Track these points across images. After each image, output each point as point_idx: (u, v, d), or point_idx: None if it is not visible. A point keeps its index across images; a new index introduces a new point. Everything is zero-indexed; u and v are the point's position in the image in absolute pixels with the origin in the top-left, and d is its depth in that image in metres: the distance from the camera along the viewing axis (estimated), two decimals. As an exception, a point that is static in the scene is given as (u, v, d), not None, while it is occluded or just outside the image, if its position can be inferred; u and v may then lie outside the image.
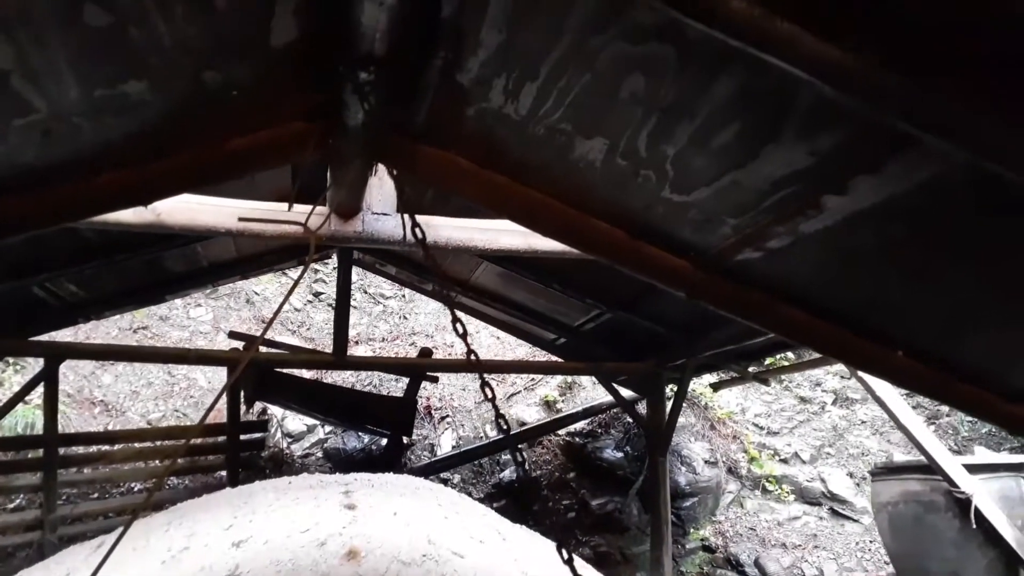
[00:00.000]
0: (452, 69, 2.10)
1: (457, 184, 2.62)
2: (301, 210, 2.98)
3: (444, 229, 3.25)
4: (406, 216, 2.37)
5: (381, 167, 2.79)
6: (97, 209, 2.27)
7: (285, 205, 2.90)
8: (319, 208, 2.94)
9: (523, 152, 2.43)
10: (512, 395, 9.85)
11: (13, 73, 1.67)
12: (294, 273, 10.27)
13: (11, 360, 8.53)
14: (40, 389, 6.17)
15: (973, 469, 5.41)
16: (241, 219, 2.83)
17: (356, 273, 9.39)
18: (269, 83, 2.18)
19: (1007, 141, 1.45)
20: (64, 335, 7.89)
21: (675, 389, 7.02)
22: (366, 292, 11.52)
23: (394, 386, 9.51)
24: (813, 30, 1.40)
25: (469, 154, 2.56)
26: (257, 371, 6.99)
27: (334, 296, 6.91)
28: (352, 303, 9.42)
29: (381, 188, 3.12)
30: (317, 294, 11.40)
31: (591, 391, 9.49)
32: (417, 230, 2.16)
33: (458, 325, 2.19)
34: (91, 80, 1.82)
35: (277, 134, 2.42)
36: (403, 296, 11.42)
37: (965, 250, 2.02)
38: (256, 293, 11.17)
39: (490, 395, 2.60)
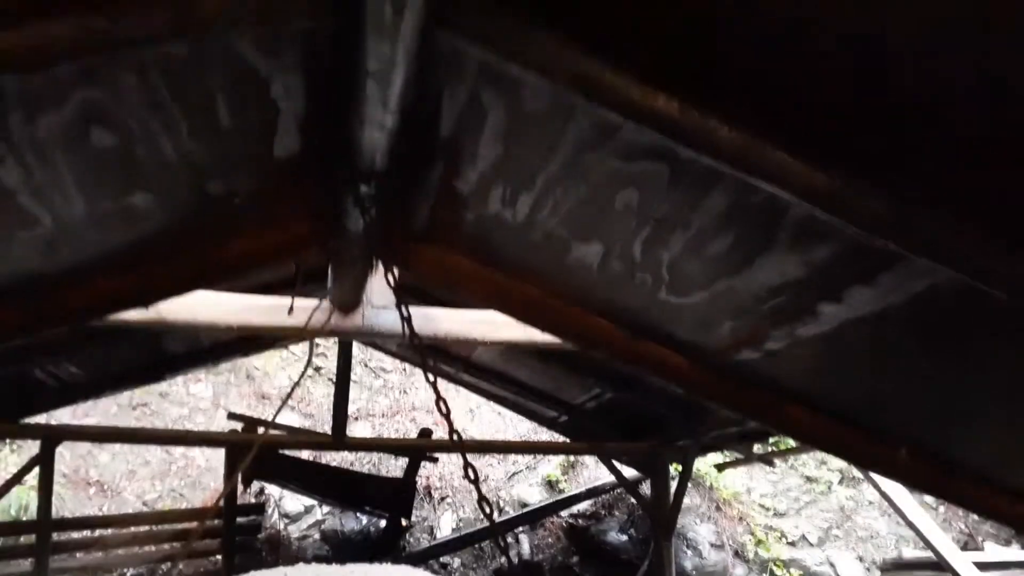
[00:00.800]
0: (451, 178, 2.14)
1: (457, 283, 2.64)
2: (302, 304, 3.01)
3: (444, 322, 3.27)
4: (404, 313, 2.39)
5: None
6: (98, 313, 2.29)
7: (286, 301, 2.93)
8: (313, 300, 2.96)
9: (522, 253, 2.46)
10: (514, 474, 9.69)
11: (20, 192, 1.71)
12: (296, 347, 10.25)
13: (7, 440, 8.44)
14: (36, 470, 6.09)
15: (983, 567, 5.29)
16: (241, 328, 2.86)
17: (357, 347, 9.37)
18: (272, 190, 2.22)
19: (989, 263, 1.48)
20: (62, 412, 7.82)
21: (679, 469, 6.90)
22: (366, 366, 11.46)
23: (394, 464, 9.37)
24: (802, 158, 1.44)
25: (468, 254, 2.59)
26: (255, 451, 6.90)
27: (334, 371, 6.89)
28: (352, 377, 9.37)
29: (382, 280, 3.14)
30: (317, 368, 11.34)
31: (594, 469, 9.34)
32: (416, 341, 2.17)
33: (454, 436, 2.17)
34: (97, 195, 1.86)
35: (279, 235, 2.46)
36: (403, 370, 11.35)
37: (963, 356, 2.02)
38: (256, 368, 11.11)
39: (474, 477, 2.50)
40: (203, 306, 2.98)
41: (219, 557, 7.20)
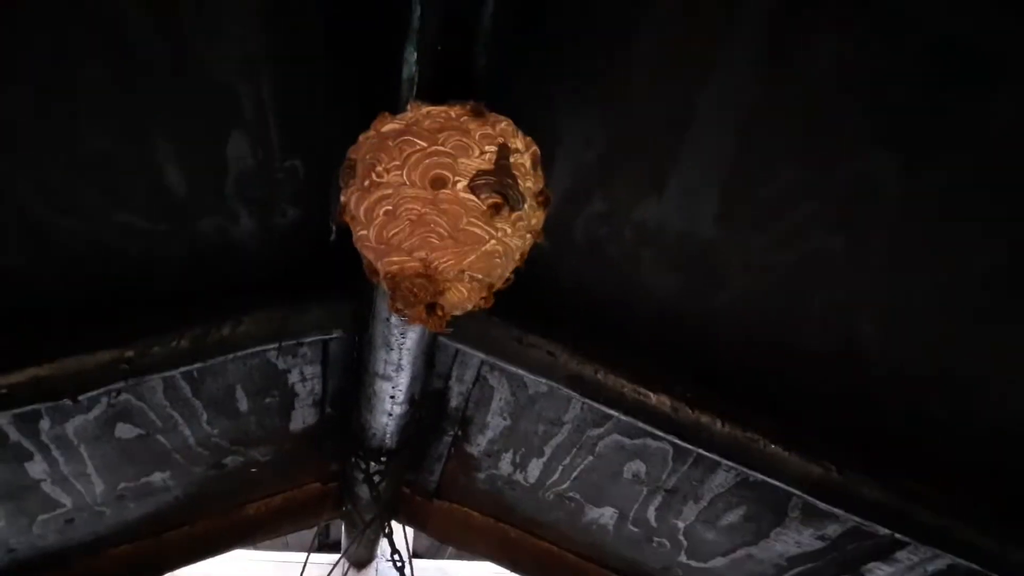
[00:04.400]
0: (462, 443, 2.19)
1: (470, 539, 2.60)
2: (316, 558, 2.95)
3: (459, 573, 3.18)
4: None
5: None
6: (111, 583, 2.27)
7: (298, 556, 2.89)
8: (331, 557, 2.92)
9: (535, 511, 2.44)
10: None
11: (44, 481, 1.77)
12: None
13: None
14: None
15: None
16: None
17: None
18: (287, 456, 2.27)
19: (984, 547, 1.46)
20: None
21: None
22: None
23: None
24: (796, 453, 1.47)
25: (481, 509, 2.57)
26: None
27: None
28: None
29: (399, 534, 3.09)
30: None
31: None
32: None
33: None
34: (117, 477, 1.91)
35: (293, 497, 2.48)
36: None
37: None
38: None
39: None
40: (215, 564, 2.94)
41: None
